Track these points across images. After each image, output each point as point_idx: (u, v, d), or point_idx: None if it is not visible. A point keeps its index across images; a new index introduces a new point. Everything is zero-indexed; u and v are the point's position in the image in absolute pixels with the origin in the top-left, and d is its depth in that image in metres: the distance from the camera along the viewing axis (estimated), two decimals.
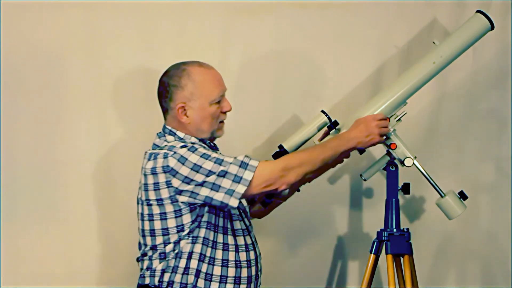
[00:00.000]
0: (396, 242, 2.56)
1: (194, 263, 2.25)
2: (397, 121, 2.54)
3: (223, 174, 2.19)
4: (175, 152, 2.21)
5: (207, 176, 2.19)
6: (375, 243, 2.61)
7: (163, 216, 2.25)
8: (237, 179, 2.19)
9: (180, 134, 2.33)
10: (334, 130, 2.51)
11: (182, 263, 2.25)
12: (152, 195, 2.25)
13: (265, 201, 2.51)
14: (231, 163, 2.20)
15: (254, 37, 2.87)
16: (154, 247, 2.27)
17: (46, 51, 2.74)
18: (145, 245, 2.30)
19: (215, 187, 2.19)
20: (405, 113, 2.54)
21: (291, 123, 2.89)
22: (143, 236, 2.31)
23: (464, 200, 2.55)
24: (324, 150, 2.33)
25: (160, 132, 2.37)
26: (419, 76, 2.53)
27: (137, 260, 2.34)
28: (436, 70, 2.53)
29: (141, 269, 2.32)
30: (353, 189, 2.97)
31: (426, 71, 2.53)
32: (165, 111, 2.36)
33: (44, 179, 2.75)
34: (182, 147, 2.22)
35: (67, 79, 2.76)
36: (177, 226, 2.24)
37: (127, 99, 2.79)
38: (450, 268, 3.01)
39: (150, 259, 2.28)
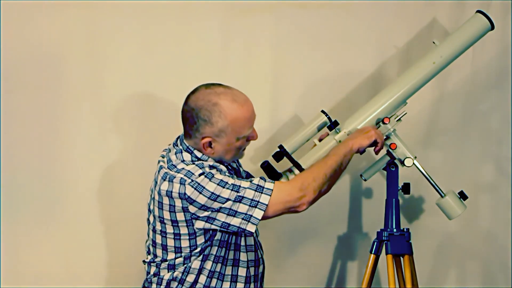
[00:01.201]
0: (396, 242, 2.56)
1: (202, 279, 2.24)
2: (397, 121, 2.54)
3: (240, 200, 2.15)
4: (192, 180, 2.15)
5: (224, 203, 2.15)
6: (375, 243, 2.61)
7: (177, 236, 2.22)
8: (254, 204, 2.16)
9: (198, 154, 2.25)
10: (334, 130, 2.51)
11: (191, 277, 2.24)
12: (167, 215, 2.20)
13: None
14: (247, 188, 2.16)
15: (254, 37, 2.87)
16: (164, 260, 2.27)
17: (46, 51, 2.74)
18: (155, 255, 2.29)
19: (232, 212, 2.16)
20: (405, 113, 2.54)
21: (291, 123, 2.89)
22: (154, 246, 2.28)
23: (464, 200, 2.55)
24: (331, 158, 2.30)
25: (176, 145, 2.29)
26: (419, 76, 2.53)
27: (144, 262, 2.34)
28: (436, 70, 2.53)
29: (148, 272, 2.31)
30: (353, 189, 2.97)
31: (426, 71, 2.53)
32: (187, 133, 2.26)
33: (44, 180, 2.75)
34: (200, 174, 2.16)
35: (67, 79, 2.76)
36: (190, 246, 2.22)
37: (127, 99, 2.79)
38: (450, 268, 3.02)
39: (158, 266, 2.28)
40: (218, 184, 2.15)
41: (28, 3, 2.71)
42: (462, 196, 2.55)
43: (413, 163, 2.53)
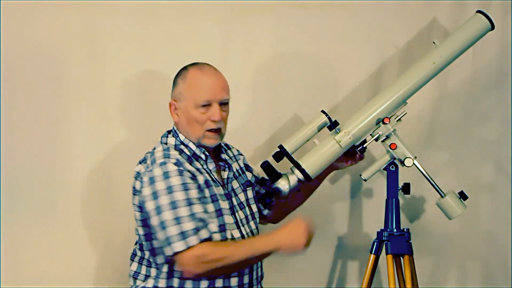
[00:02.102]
0: (396, 242, 2.56)
1: (176, 281, 2.25)
2: (397, 121, 2.54)
3: (163, 228, 2.16)
4: (151, 170, 2.21)
5: (155, 211, 2.18)
6: (375, 243, 2.61)
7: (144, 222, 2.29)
8: (168, 242, 2.16)
9: (182, 136, 2.33)
10: (334, 130, 2.51)
11: (163, 282, 2.26)
12: (136, 200, 2.29)
13: (265, 201, 2.50)
14: (176, 219, 2.14)
15: (254, 37, 2.87)
16: (142, 257, 2.32)
17: (46, 51, 2.74)
18: (134, 252, 2.36)
19: (157, 229, 2.19)
20: (405, 113, 2.55)
21: (291, 123, 2.89)
22: (135, 244, 2.37)
23: (464, 200, 2.56)
24: (246, 249, 2.21)
25: (168, 130, 2.39)
26: (419, 76, 2.53)
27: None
28: (436, 70, 2.53)
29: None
30: (353, 189, 2.97)
31: (426, 71, 2.53)
32: None
33: (44, 179, 2.75)
34: (161, 164, 2.20)
35: (67, 79, 2.76)
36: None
37: (127, 99, 2.79)
38: (450, 268, 3.02)
39: (140, 262, 2.32)
40: (166, 188, 2.18)
41: (28, 3, 2.71)
42: (462, 196, 2.55)
43: (413, 163, 2.54)
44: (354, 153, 2.56)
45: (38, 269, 2.76)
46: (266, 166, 2.47)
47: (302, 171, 2.48)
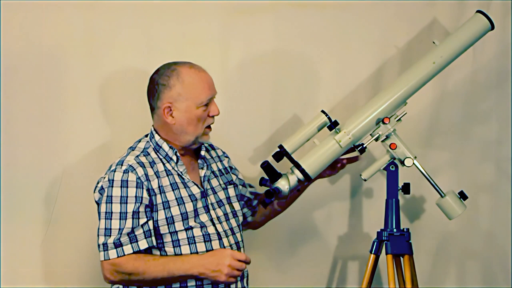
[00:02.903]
0: (396, 242, 2.56)
1: None
2: (397, 121, 2.54)
3: (97, 234, 2.26)
4: (103, 177, 2.30)
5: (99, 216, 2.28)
6: (375, 243, 2.61)
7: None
8: (99, 249, 2.25)
9: (157, 137, 2.34)
10: (334, 130, 2.51)
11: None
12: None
13: (265, 201, 2.50)
14: (106, 229, 2.23)
15: (254, 37, 2.87)
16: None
17: (46, 51, 2.74)
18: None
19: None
20: (405, 113, 2.55)
21: (291, 123, 2.89)
22: None
23: (464, 200, 2.55)
24: (163, 269, 2.21)
25: (146, 134, 2.41)
26: (419, 76, 2.53)
27: None
28: (436, 70, 2.53)
29: None
30: (353, 189, 2.97)
31: (426, 71, 2.53)
32: (152, 109, 2.36)
33: (44, 179, 2.75)
34: (112, 171, 2.28)
35: (67, 79, 2.76)
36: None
37: (127, 99, 2.79)
38: (450, 268, 3.01)
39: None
40: (105, 214, 2.25)
41: (28, 3, 2.71)
42: (462, 196, 2.55)
43: (413, 163, 2.54)
44: (335, 162, 2.56)
45: (38, 269, 2.76)
46: (266, 166, 2.47)
47: (302, 171, 2.48)
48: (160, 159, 2.33)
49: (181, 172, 2.34)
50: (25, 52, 2.72)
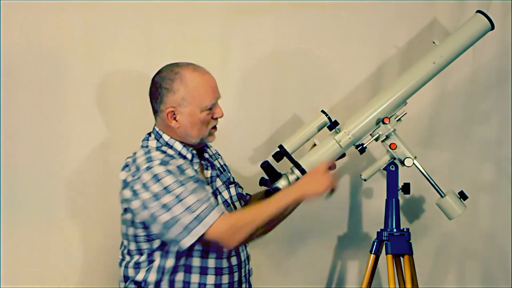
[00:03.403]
0: (396, 242, 2.56)
1: (167, 275, 2.24)
2: (397, 121, 2.54)
3: (175, 222, 2.13)
4: (139, 177, 2.17)
5: (163, 210, 2.14)
6: (375, 243, 2.61)
7: (137, 238, 2.27)
8: (186, 230, 2.13)
9: (166, 137, 2.30)
10: (334, 130, 2.51)
11: (156, 275, 2.25)
12: (125, 204, 2.26)
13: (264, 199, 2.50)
14: (185, 211, 2.12)
15: (254, 37, 2.87)
16: (129, 253, 2.30)
17: (46, 51, 2.74)
18: (123, 256, 2.34)
19: (165, 227, 2.15)
20: (405, 113, 2.55)
21: (291, 123, 2.89)
22: (122, 246, 2.35)
23: (464, 200, 2.55)
24: (269, 205, 2.21)
25: (149, 132, 2.35)
26: (419, 76, 2.53)
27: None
28: (436, 70, 2.53)
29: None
30: (353, 189, 2.97)
31: (426, 71, 2.53)
32: (155, 112, 2.32)
33: (44, 179, 2.75)
34: (147, 168, 2.17)
35: (67, 79, 2.76)
36: (149, 247, 2.25)
37: (127, 99, 2.79)
38: (450, 268, 3.02)
39: (126, 266, 2.31)
40: (164, 188, 2.14)
41: (28, 3, 2.71)
42: (462, 196, 2.55)
43: (413, 163, 2.54)
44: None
45: (38, 269, 2.76)
46: (266, 166, 2.47)
47: (302, 171, 2.48)
48: (171, 157, 2.30)
49: (195, 171, 2.31)
50: (25, 52, 2.73)
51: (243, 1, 2.86)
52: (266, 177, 2.52)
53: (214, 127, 2.34)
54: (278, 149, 2.51)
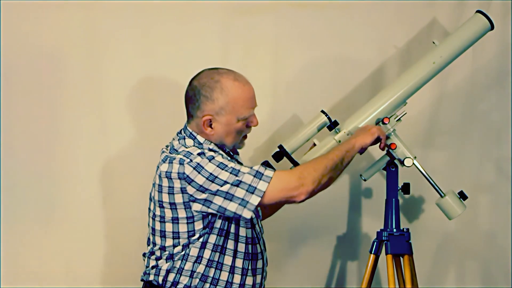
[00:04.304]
0: (396, 242, 2.56)
1: (201, 268, 2.23)
2: (397, 121, 2.54)
3: (237, 184, 2.14)
4: (191, 160, 2.15)
5: (222, 186, 2.14)
6: (375, 243, 2.61)
7: (175, 220, 2.22)
8: (251, 189, 2.15)
9: (200, 139, 2.28)
10: (334, 130, 2.51)
11: (188, 265, 2.23)
12: (165, 198, 2.21)
13: None
14: (246, 173, 2.15)
15: (254, 37, 2.87)
16: (163, 248, 2.26)
17: (46, 51, 2.74)
18: (154, 243, 2.28)
19: (229, 196, 2.15)
20: (405, 113, 2.55)
21: (291, 123, 2.89)
22: (153, 234, 2.28)
23: (464, 200, 2.55)
24: (333, 153, 2.29)
25: (180, 133, 2.32)
26: (419, 76, 2.53)
27: (143, 255, 2.33)
28: (436, 70, 2.53)
29: (147, 266, 2.30)
30: (352, 189, 2.97)
31: (426, 71, 2.53)
32: (190, 115, 2.29)
33: (44, 179, 2.75)
34: (199, 154, 2.17)
35: (67, 79, 2.76)
36: (188, 231, 2.22)
37: (126, 99, 2.79)
38: (450, 268, 3.01)
39: (157, 258, 2.27)
40: (217, 166, 2.15)
41: (28, 3, 2.71)
42: (462, 196, 2.55)
43: (413, 163, 2.53)
44: None
45: (38, 269, 2.76)
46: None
47: None
48: None
49: None
50: (25, 52, 2.73)
51: (243, 1, 2.86)
52: None
53: (245, 136, 2.34)
54: (278, 149, 2.52)
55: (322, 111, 2.53)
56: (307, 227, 2.96)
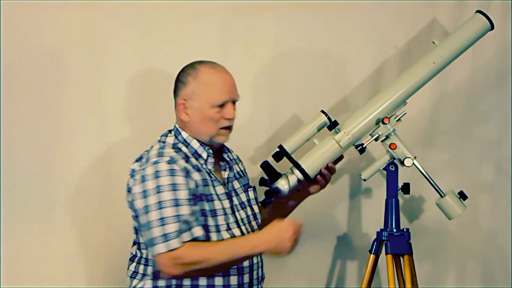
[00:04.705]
0: (396, 242, 2.56)
1: (162, 282, 2.25)
2: (397, 121, 2.54)
3: (148, 228, 2.16)
4: (144, 169, 2.21)
5: (146, 212, 2.16)
6: (375, 243, 2.61)
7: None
8: (150, 242, 2.16)
9: (184, 134, 2.31)
10: (334, 130, 2.51)
11: (162, 281, 2.25)
12: (129, 198, 2.28)
13: (265, 201, 2.50)
14: (155, 227, 2.14)
15: (254, 37, 2.87)
16: (140, 257, 2.30)
17: (46, 51, 2.74)
18: (133, 253, 2.34)
19: (145, 228, 2.18)
20: (405, 113, 2.55)
21: (291, 123, 2.89)
22: (133, 244, 2.36)
23: (464, 200, 2.56)
24: (226, 253, 2.17)
25: (170, 129, 2.37)
26: (419, 76, 2.53)
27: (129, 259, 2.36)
28: (436, 70, 2.54)
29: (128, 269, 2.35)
30: (352, 189, 2.97)
31: (426, 71, 2.53)
32: (175, 106, 2.35)
33: (44, 179, 2.75)
34: (154, 163, 2.20)
35: (67, 79, 2.76)
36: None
37: (126, 99, 2.79)
38: (450, 268, 3.01)
39: (138, 262, 2.31)
40: (156, 187, 2.17)
41: (28, 3, 2.71)
42: (462, 196, 2.55)
43: (413, 163, 2.54)
44: (323, 176, 2.52)
45: (38, 269, 2.76)
46: (266, 166, 2.47)
47: (302, 171, 2.48)
48: (186, 155, 2.31)
49: (209, 170, 2.31)
50: (25, 52, 2.73)
51: (243, 1, 2.86)
52: (266, 177, 2.52)
53: (227, 128, 2.33)
54: (278, 149, 2.52)
55: (322, 111, 2.53)
56: (307, 227, 2.93)
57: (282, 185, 2.49)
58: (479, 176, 3.00)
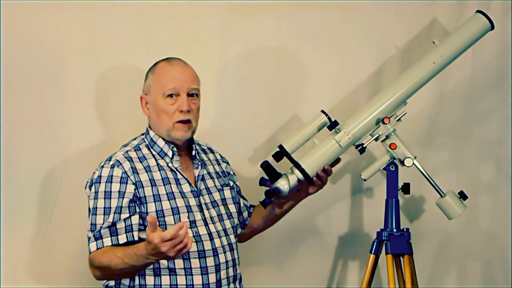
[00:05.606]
0: (396, 242, 2.56)
1: (126, 280, 2.29)
2: (397, 121, 2.54)
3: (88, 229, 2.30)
4: (94, 173, 2.32)
5: (88, 212, 2.32)
6: (375, 243, 2.61)
7: None
8: (87, 238, 2.30)
9: (152, 133, 2.37)
10: (334, 130, 2.51)
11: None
12: None
13: (265, 202, 2.50)
14: (92, 224, 2.28)
15: (254, 37, 2.87)
16: None
17: (46, 51, 2.74)
18: None
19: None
20: (405, 113, 2.55)
21: (291, 123, 2.89)
22: None
23: (464, 200, 2.56)
24: (123, 262, 2.16)
25: None
26: (419, 76, 2.53)
27: None
28: (436, 70, 2.54)
29: None
30: (353, 189, 2.97)
31: (426, 71, 2.53)
32: None
33: (44, 179, 2.75)
34: (100, 167, 2.31)
35: (67, 79, 2.76)
36: None
37: (126, 99, 2.79)
38: (450, 268, 3.01)
39: None
40: (93, 193, 2.30)
41: (28, 3, 2.71)
42: (462, 196, 2.55)
43: (413, 163, 2.54)
44: (319, 178, 2.50)
45: (38, 269, 2.76)
46: (266, 166, 2.47)
47: (302, 171, 2.48)
48: (153, 155, 2.34)
49: (175, 168, 2.33)
50: (25, 51, 2.72)
51: (243, 1, 2.86)
52: (266, 177, 2.52)
53: (184, 123, 2.31)
54: (278, 149, 2.51)
55: (322, 111, 2.53)
56: (308, 227, 2.96)
57: (282, 185, 2.48)
58: (479, 176, 3.00)
